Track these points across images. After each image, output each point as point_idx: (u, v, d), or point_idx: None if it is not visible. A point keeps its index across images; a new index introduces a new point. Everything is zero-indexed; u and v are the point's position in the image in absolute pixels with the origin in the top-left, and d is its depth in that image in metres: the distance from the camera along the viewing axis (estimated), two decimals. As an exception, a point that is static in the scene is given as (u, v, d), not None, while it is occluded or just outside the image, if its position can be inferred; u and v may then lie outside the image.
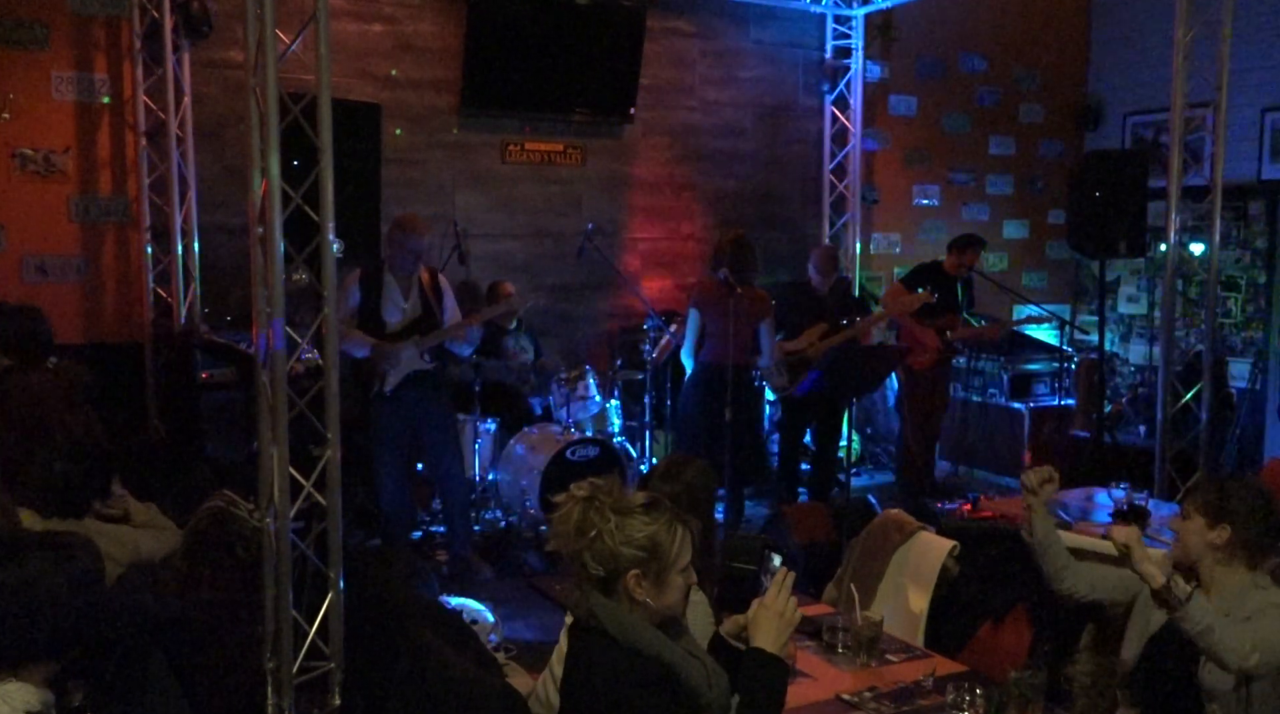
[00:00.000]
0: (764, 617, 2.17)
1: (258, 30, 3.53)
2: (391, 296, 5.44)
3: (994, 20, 8.90)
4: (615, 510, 2.13)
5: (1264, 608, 2.66)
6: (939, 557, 3.78)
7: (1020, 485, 3.12)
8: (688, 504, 2.66)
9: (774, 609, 2.16)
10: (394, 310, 5.44)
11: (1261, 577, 2.75)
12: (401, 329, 5.43)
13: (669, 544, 2.13)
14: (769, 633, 2.16)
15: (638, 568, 2.11)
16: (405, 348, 5.39)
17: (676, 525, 2.15)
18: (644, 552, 2.11)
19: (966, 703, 2.43)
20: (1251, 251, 8.13)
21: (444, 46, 6.98)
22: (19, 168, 5.97)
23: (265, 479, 3.66)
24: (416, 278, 5.50)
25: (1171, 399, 5.54)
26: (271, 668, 3.67)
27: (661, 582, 2.13)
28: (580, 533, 2.13)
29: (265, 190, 3.58)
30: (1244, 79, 7.31)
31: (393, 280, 5.44)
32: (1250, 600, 2.69)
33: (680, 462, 3.14)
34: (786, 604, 2.16)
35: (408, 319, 5.45)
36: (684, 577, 2.17)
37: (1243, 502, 2.76)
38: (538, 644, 4.59)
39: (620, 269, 7.46)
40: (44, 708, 2.16)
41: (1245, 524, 2.73)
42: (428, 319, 5.48)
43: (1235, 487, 2.82)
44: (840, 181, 8.33)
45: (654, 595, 2.13)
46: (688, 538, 2.17)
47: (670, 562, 2.13)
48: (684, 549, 2.16)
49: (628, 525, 2.11)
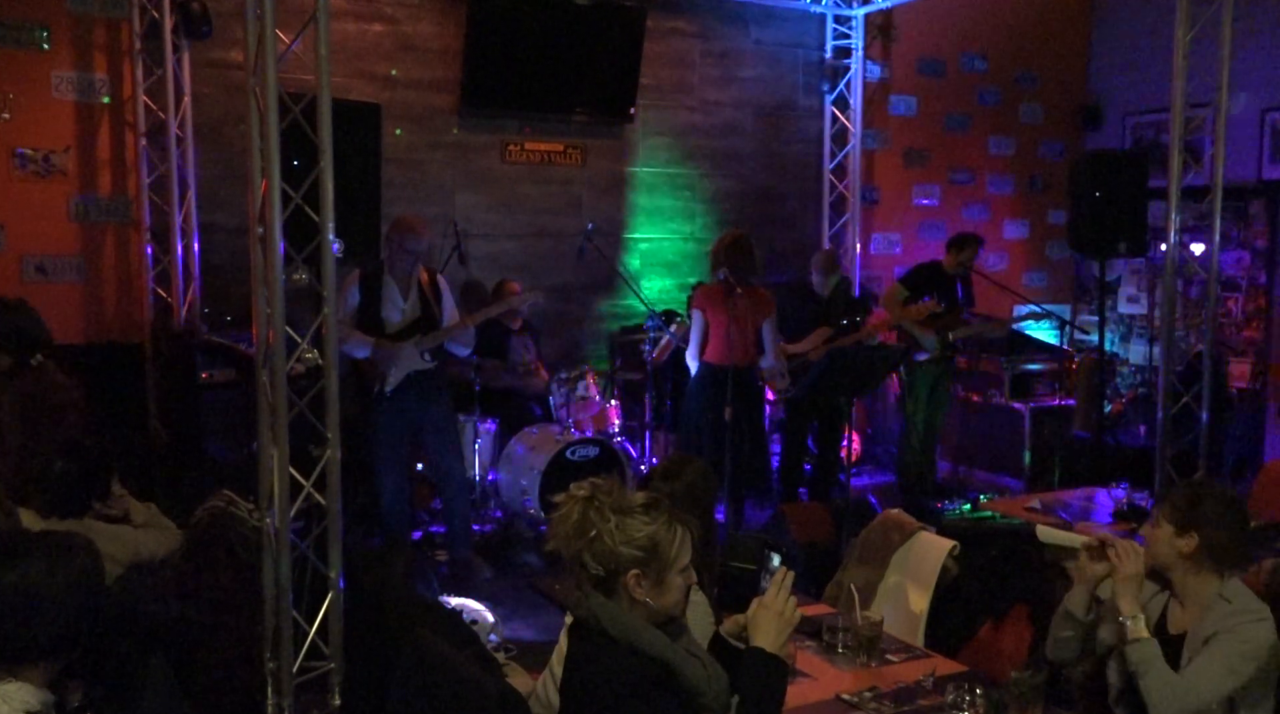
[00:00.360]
0: (763, 616, 2.17)
1: (258, 30, 3.53)
2: (391, 297, 5.44)
3: (994, 20, 8.90)
4: (615, 510, 2.13)
5: (1225, 627, 2.60)
6: (939, 557, 3.77)
7: (1081, 550, 2.85)
8: (688, 504, 2.66)
9: (773, 609, 2.17)
10: (393, 311, 5.45)
11: (1230, 585, 2.68)
12: (402, 329, 5.43)
13: (669, 544, 2.13)
14: (768, 633, 2.16)
15: (637, 568, 2.11)
16: (405, 347, 5.39)
17: (676, 525, 2.15)
18: (643, 552, 2.11)
19: (966, 703, 2.43)
20: (1251, 252, 8.13)
21: (444, 46, 6.98)
22: (19, 167, 5.97)
23: (265, 479, 3.66)
24: (415, 278, 5.51)
25: (1171, 399, 5.54)
26: (271, 668, 3.67)
27: (661, 581, 2.13)
28: (580, 533, 2.13)
29: (265, 190, 3.58)
30: (1244, 79, 7.31)
31: (392, 281, 5.45)
32: (1213, 615, 2.63)
33: (680, 461, 3.14)
34: (786, 604, 2.17)
35: (407, 319, 5.45)
36: (684, 577, 2.17)
37: (1211, 509, 2.69)
38: (538, 644, 4.59)
39: (620, 269, 7.46)
40: (44, 708, 2.16)
41: (1213, 532, 2.67)
42: (427, 319, 5.48)
43: (1205, 493, 2.74)
44: (840, 181, 8.33)
45: (654, 595, 2.13)
46: (688, 538, 2.17)
47: (670, 562, 2.13)
48: (684, 549, 2.16)
49: (627, 525, 2.11)
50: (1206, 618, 2.64)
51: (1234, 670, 2.54)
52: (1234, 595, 2.66)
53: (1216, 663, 2.55)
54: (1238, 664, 2.55)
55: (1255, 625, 2.59)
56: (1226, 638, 2.58)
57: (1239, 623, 2.60)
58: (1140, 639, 2.59)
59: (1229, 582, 2.69)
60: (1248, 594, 2.69)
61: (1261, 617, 2.62)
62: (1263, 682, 2.62)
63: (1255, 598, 2.69)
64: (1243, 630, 2.59)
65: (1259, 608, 2.64)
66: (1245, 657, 2.56)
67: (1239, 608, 2.63)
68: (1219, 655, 2.56)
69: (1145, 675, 2.56)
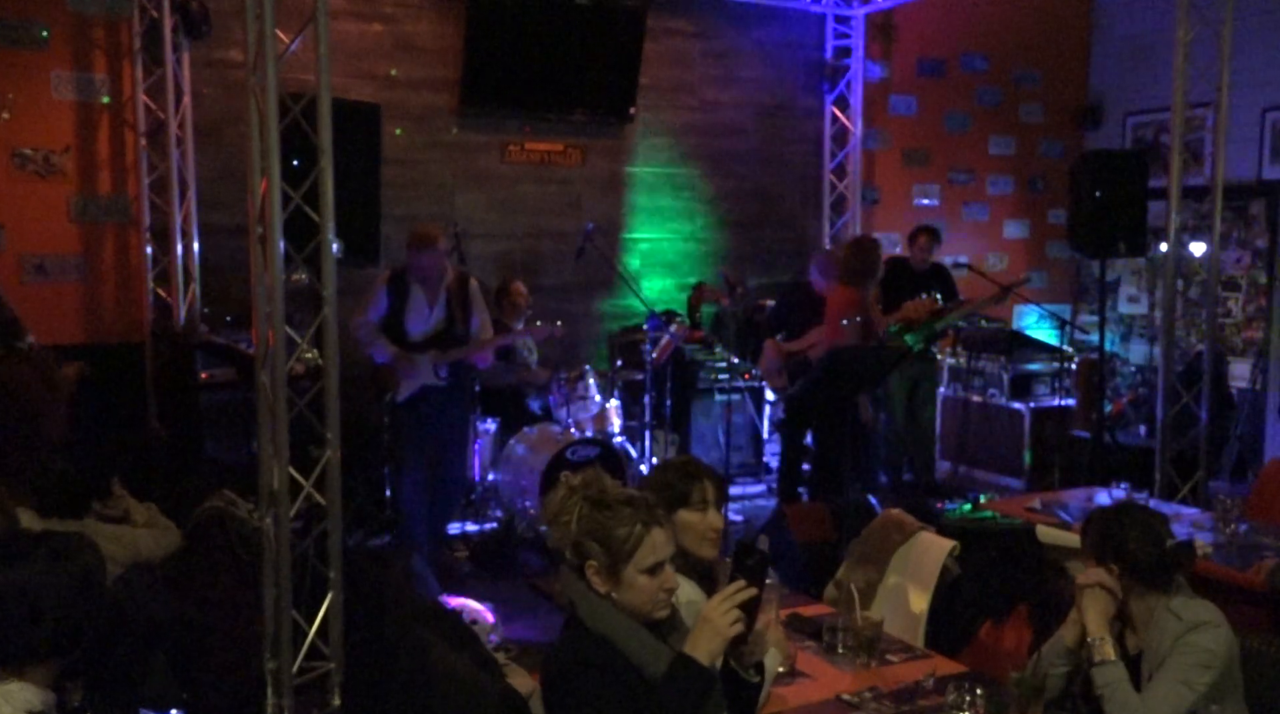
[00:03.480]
0: (700, 625, 2.12)
1: (258, 30, 3.53)
2: (416, 306, 5.41)
3: (994, 20, 8.90)
4: (588, 501, 2.16)
5: (1178, 644, 2.59)
6: (939, 557, 3.77)
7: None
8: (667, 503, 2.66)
9: (711, 621, 2.10)
10: (417, 321, 5.41)
11: (1178, 599, 2.65)
12: (423, 341, 5.41)
13: (625, 541, 2.12)
14: (698, 642, 2.10)
15: (594, 559, 2.14)
16: (421, 361, 5.38)
17: (640, 525, 2.13)
18: (599, 544, 2.13)
19: (966, 703, 2.42)
20: (1252, 252, 8.13)
21: (444, 46, 6.98)
22: (19, 167, 5.97)
23: (265, 479, 3.66)
24: (444, 287, 5.46)
25: (1171, 399, 5.54)
26: (271, 668, 3.67)
27: (617, 576, 2.13)
28: (555, 518, 2.19)
29: (265, 190, 3.58)
30: (1244, 79, 7.31)
31: (418, 289, 5.42)
32: (1166, 633, 2.62)
33: (668, 463, 3.11)
34: (724, 617, 2.09)
35: (430, 332, 5.42)
36: (651, 577, 2.14)
37: (1125, 536, 2.67)
38: (538, 644, 4.59)
39: (620, 269, 7.46)
40: (45, 708, 2.16)
41: (1133, 558, 2.65)
42: (450, 333, 5.44)
43: (1113, 523, 2.71)
44: (840, 181, 8.33)
45: (613, 589, 2.14)
46: (658, 540, 2.14)
47: (624, 557, 2.12)
48: (649, 550, 2.13)
49: (593, 517, 2.14)
50: (1160, 636, 2.63)
51: (1190, 685, 2.55)
52: (1183, 609, 2.64)
53: (1171, 683, 2.56)
54: (1193, 677, 2.55)
55: (1206, 635, 2.59)
56: (1179, 654, 2.59)
57: (1190, 638, 2.60)
58: (1107, 661, 2.58)
59: (1176, 596, 2.66)
60: (1196, 605, 2.66)
61: (1213, 624, 2.61)
62: (1226, 683, 2.61)
63: (1206, 606, 2.66)
64: (1193, 643, 2.59)
65: (1209, 617, 2.63)
66: (1200, 667, 2.56)
67: (1189, 622, 2.62)
68: (1174, 674, 2.57)
69: (1110, 700, 2.56)
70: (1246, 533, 4.06)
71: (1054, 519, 4.27)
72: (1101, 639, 2.61)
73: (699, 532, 2.66)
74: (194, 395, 5.86)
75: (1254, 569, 3.60)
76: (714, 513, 2.68)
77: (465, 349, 5.45)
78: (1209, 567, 3.67)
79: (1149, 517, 2.77)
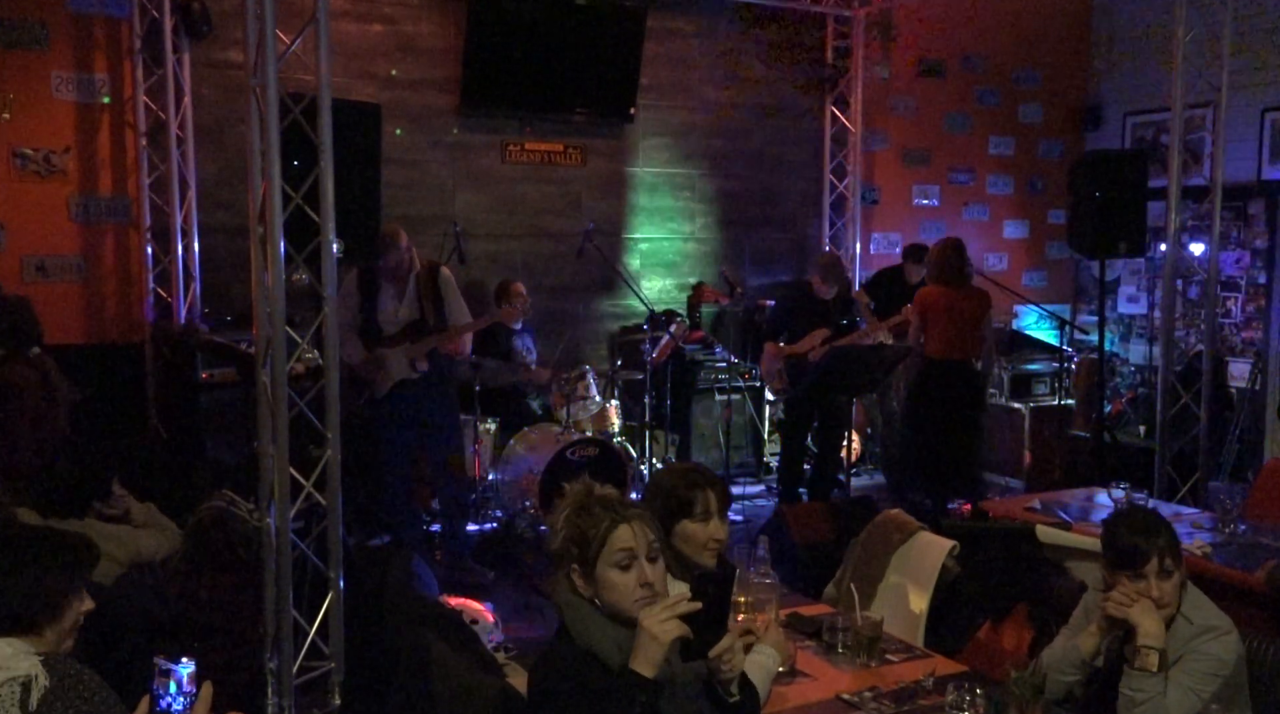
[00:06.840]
0: (638, 638, 2.05)
1: (258, 30, 3.53)
2: (384, 302, 5.43)
3: (994, 20, 8.90)
4: (571, 508, 2.17)
5: (1188, 649, 2.59)
6: (939, 557, 3.77)
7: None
8: (670, 510, 2.66)
9: (647, 629, 2.03)
10: (387, 316, 5.45)
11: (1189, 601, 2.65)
12: (396, 334, 5.43)
13: (595, 538, 2.12)
14: (638, 653, 2.04)
15: (574, 561, 2.15)
16: (392, 356, 5.39)
17: (608, 521, 2.13)
18: (576, 546, 2.14)
19: (966, 703, 2.42)
20: (1251, 252, 8.13)
21: (444, 46, 6.98)
22: (19, 168, 5.97)
23: (265, 479, 3.66)
24: (413, 279, 5.49)
25: (1171, 399, 5.54)
26: (271, 668, 3.67)
27: (592, 575, 2.13)
28: (552, 531, 2.20)
29: (265, 190, 3.58)
30: (1244, 79, 7.32)
31: (387, 285, 5.44)
32: (1177, 638, 2.62)
33: (674, 468, 3.10)
34: (661, 625, 2.03)
35: (401, 325, 5.44)
36: (624, 572, 2.11)
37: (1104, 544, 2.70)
38: (538, 644, 4.58)
39: (620, 269, 7.46)
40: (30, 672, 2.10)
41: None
42: (423, 324, 5.46)
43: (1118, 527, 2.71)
44: (840, 181, 8.33)
45: (594, 591, 2.14)
46: (623, 534, 2.11)
47: (595, 555, 2.12)
48: (615, 543, 2.11)
49: (572, 521, 2.15)
50: (1170, 639, 2.63)
51: (1197, 691, 2.55)
52: (1194, 613, 2.65)
53: (1180, 688, 2.57)
54: (1200, 684, 2.56)
55: (1216, 642, 2.60)
56: (1188, 660, 2.59)
57: (1200, 643, 2.60)
58: (1152, 673, 2.55)
59: (1187, 599, 2.67)
60: (1208, 610, 2.67)
61: (1223, 632, 2.62)
62: (1232, 687, 2.61)
63: (1216, 612, 2.67)
64: (1202, 649, 2.59)
65: (1219, 623, 2.64)
66: (1208, 674, 2.57)
67: (1199, 627, 2.63)
68: (1183, 679, 2.57)
69: (1141, 705, 2.54)
70: (1246, 533, 4.07)
71: (1054, 519, 4.27)
72: (1154, 650, 2.57)
73: (701, 541, 2.66)
74: (194, 395, 5.86)
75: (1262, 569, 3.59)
76: (716, 523, 2.68)
77: (438, 337, 5.46)
78: (1209, 567, 3.67)
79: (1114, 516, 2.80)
